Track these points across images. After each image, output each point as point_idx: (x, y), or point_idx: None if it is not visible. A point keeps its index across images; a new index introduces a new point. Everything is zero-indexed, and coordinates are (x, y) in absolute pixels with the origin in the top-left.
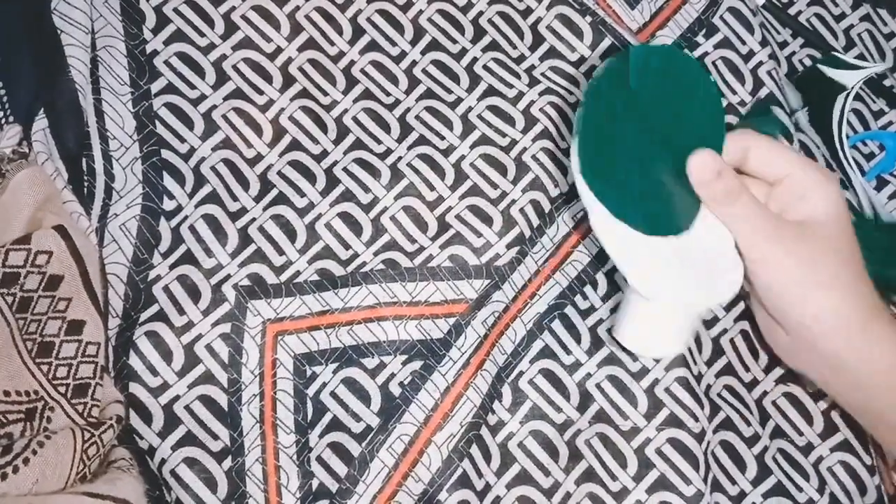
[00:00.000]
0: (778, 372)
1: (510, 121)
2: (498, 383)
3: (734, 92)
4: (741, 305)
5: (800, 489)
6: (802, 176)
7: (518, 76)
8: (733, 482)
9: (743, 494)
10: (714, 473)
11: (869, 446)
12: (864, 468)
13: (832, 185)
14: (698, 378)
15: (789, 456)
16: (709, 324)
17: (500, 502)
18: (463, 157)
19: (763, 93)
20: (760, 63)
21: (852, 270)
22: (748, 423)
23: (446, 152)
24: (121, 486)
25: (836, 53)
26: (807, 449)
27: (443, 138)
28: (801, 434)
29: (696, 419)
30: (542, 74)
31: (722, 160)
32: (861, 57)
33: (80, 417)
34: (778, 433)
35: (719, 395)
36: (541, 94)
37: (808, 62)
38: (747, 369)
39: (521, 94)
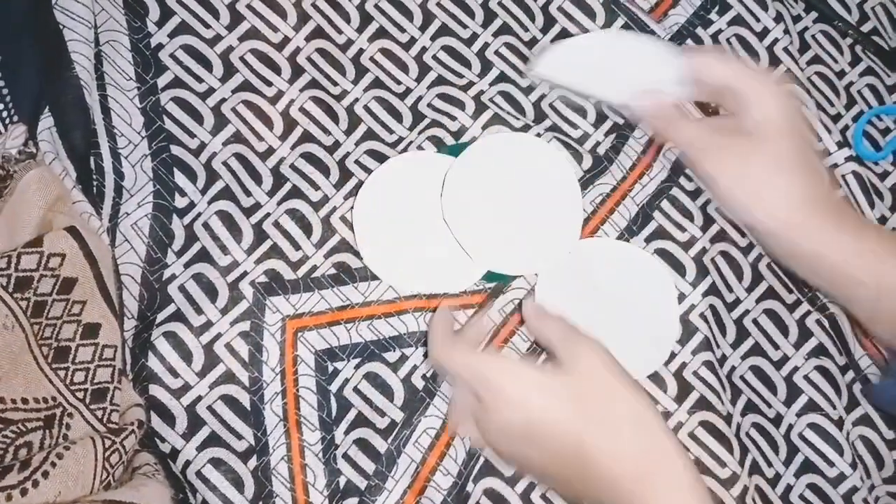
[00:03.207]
0: (809, 346)
1: (521, 110)
2: None
3: None
4: (762, 287)
5: (831, 464)
6: (743, 86)
7: None
8: (770, 464)
9: (778, 476)
10: (753, 456)
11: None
12: (884, 442)
13: (771, 94)
14: (721, 361)
15: (822, 430)
16: (730, 306)
17: (536, 487)
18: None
19: (780, 69)
20: (776, 40)
21: (797, 174)
22: (769, 405)
23: (457, 134)
24: (145, 493)
25: None
26: (839, 423)
27: (454, 119)
28: (834, 408)
29: (723, 402)
30: None
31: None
32: (874, 31)
33: (99, 423)
34: (812, 407)
35: (742, 377)
36: (552, 87)
37: (821, 38)
38: (776, 347)
39: (533, 86)
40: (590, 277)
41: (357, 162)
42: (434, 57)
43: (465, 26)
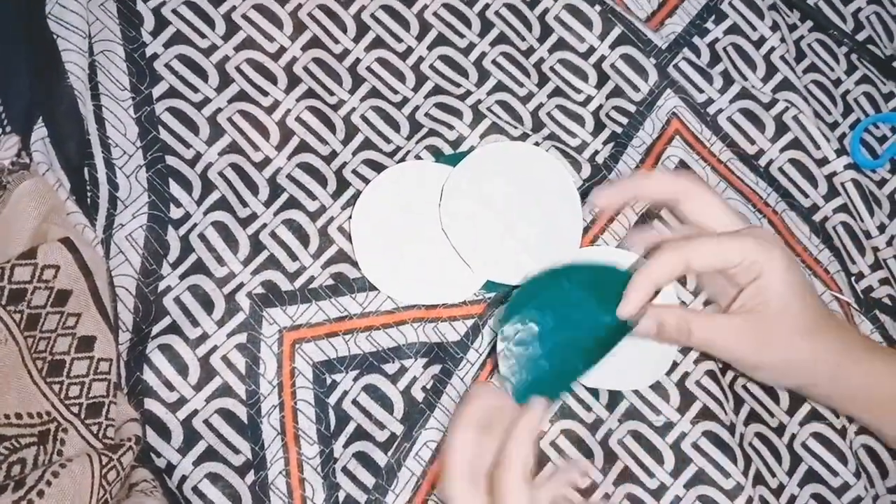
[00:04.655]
0: None
1: (519, 119)
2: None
3: (745, 78)
4: None
5: (835, 473)
6: (749, 261)
7: (528, 74)
8: (773, 474)
9: (782, 487)
10: (757, 466)
11: None
12: (887, 451)
13: (775, 254)
14: (723, 370)
15: (826, 439)
16: None
17: None
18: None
19: (777, 78)
20: (773, 49)
21: (819, 331)
22: (772, 414)
23: (455, 144)
24: None
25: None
26: (843, 432)
27: (452, 128)
28: (837, 416)
29: (725, 412)
30: (552, 69)
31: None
32: (869, 40)
33: (94, 439)
34: (815, 416)
35: (744, 386)
36: (549, 96)
37: (816, 46)
38: None
39: (530, 95)
40: None
41: (354, 172)
42: (431, 66)
43: (461, 36)
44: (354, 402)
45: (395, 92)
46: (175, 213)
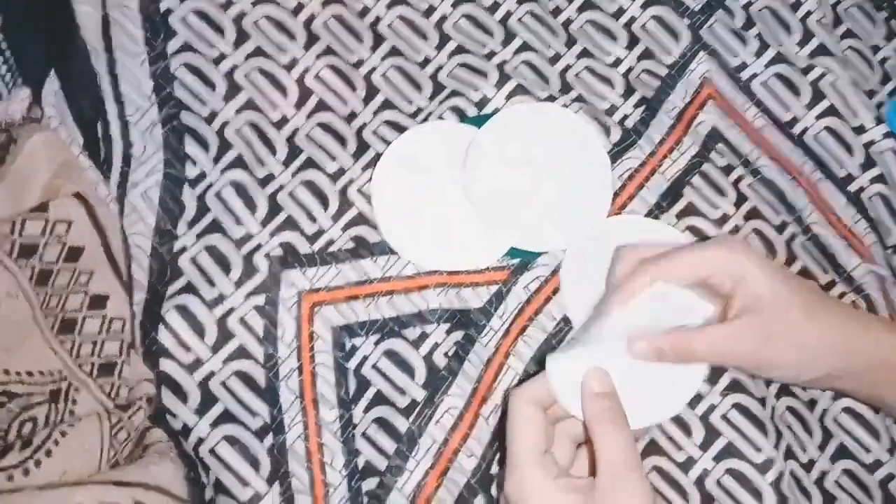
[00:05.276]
0: None
1: (546, 81)
2: (549, 351)
3: (780, 43)
4: (797, 266)
5: (867, 450)
6: (723, 269)
7: (555, 34)
8: (804, 449)
9: (812, 462)
10: (788, 441)
11: None
12: None
13: (750, 263)
14: None
15: (858, 415)
16: None
17: None
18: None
19: (813, 43)
20: (809, 13)
21: (815, 321)
22: (804, 388)
23: (480, 105)
24: (154, 472)
25: None
26: (876, 407)
27: (476, 89)
28: None
29: (756, 384)
30: (580, 29)
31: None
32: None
33: (107, 398)
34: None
35: None
36: (577, 57)
37: (854, 11)
38: None
39: (558, 56)
40: None
41: (375, 133)
42: (455, 25)
43: None
44: (375, 368)
45: (418, 51)
46: (191, 171)
